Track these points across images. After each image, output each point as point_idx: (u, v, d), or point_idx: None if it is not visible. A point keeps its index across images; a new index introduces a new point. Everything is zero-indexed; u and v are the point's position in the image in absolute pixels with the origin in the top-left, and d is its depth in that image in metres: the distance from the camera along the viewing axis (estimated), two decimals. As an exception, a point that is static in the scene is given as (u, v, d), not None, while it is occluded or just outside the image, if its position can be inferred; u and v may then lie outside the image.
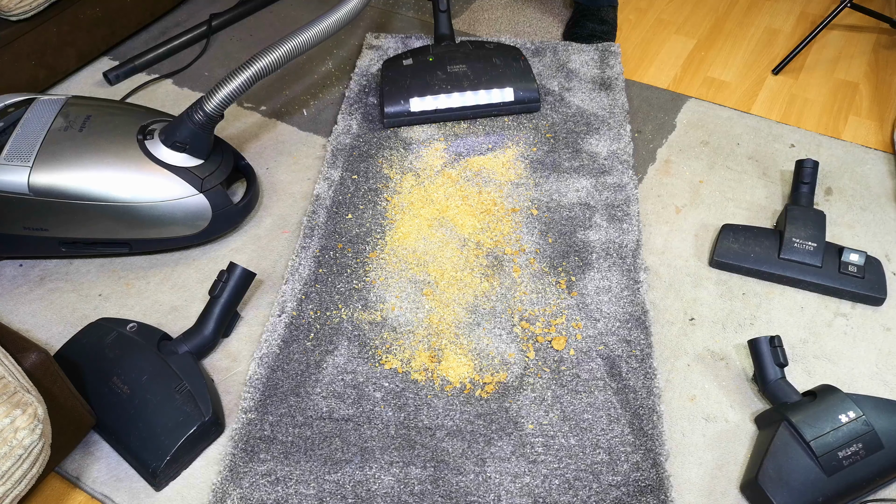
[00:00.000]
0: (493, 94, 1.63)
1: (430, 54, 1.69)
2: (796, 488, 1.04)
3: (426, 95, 1.62)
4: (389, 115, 1.63)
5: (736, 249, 1.38)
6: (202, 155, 1.36)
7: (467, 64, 1.66)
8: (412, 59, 1.68)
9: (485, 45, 1.72)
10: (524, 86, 1.65)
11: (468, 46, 1.71)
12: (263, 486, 1.09)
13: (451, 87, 1.63)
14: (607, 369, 1.23)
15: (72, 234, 1.33)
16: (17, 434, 0.88)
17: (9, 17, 1.61)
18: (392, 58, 1.73)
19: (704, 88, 1.81)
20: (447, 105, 1.63)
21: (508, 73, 1.65)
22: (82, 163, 1.28)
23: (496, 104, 1.64)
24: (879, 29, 1.99)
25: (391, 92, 1.64)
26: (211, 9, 2.01)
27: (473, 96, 1.63)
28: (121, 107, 1.44)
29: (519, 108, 1.66)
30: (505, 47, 1.72)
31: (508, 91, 1.63)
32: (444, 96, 1.63)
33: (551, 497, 1.08)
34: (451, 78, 1.64)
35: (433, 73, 1.64)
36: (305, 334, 1.29)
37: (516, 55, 1.69)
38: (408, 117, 1.63)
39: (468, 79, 1.64)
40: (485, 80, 1.64)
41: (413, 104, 1.62)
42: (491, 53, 1.69)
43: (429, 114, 1.64)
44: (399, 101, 1.62)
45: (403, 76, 1.65)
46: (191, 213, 1.34)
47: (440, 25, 1.76)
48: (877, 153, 1.63)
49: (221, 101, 1.32)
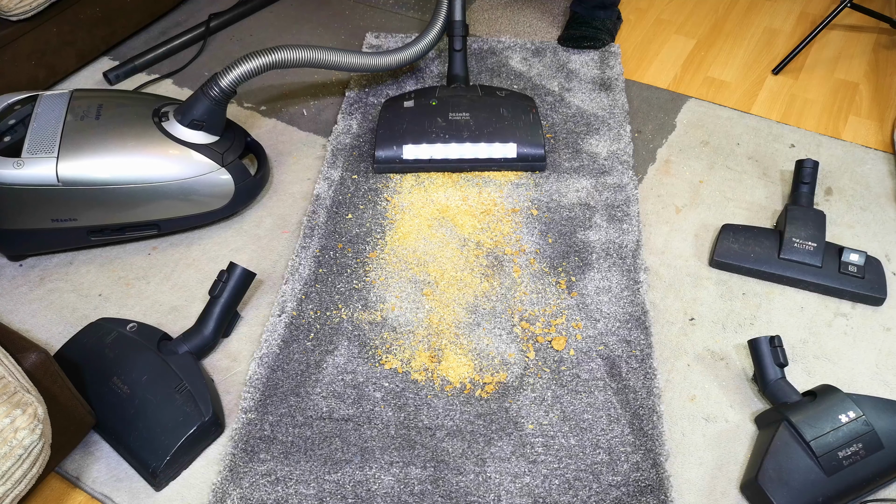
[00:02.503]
0: (495, 148, 1.51)
1: (435, 97, 1.57)
2: (796, 488, 1.04)
3: (421, 143, 1.51)
4: (380, 160, 1.52)
5: (736, 249, 1.38)
6: (217, 132, 1.40)
7: (471, 112, 1.53)
8: (414, 101, 1.57)
9: (496, 92, 1.59)
10: (529, 143, 1.51)
11: (477, 92, 1.59)
12: (263, 486, 1.09)
13: (450, 137, 1.51)
14: (607, 369, 1.23)
15: (102, 222, 1.36)
16: (17, 434, 0.88)
17: (9, 17, 1.61)
18: (393, 97, 1.62)
19: (704, 88, 1.81)
20: (443, 155, 1.51)
21: (514, 126, 1.52)
22: (107, 148, 1.31)
23: (496, 159, 1.52)
24: (879, 29, 1.99)
25: (384, 136, 1.53)
26: (210, 9, 2.01)
27: (472, 148, 1.50)
28: (127, 94, 1.47)
29: (521, 165, 1.53)
30: (517, 96, 1.59)
31: (511, 147, 1.50)
32: (441, 146, 1.50)
33: (551, 497, 1.08)
34: (451, 126, 1.51)
35: (433, 120, 1.53)
36: (305, 334, 1.29)
37: (527, 107, 1.56)
38: (399, 164, 1.52)
39: (469, 129, 1.51)
40: (487, 133, 1.51)
41: (406, 151, 1.51)
42: (500, 102, 1.56)
43: (423, 163, 1.52)
44: (392, 147, 1.51)
45: (400, 119, 1.54)
46: (216, 187, 1.39)
47: (454, 65, 1.65)
48: (877, 153, 1.63)
49: (237, 77, 1.38)
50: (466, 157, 1.51)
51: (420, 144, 1.50)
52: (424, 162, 1.51)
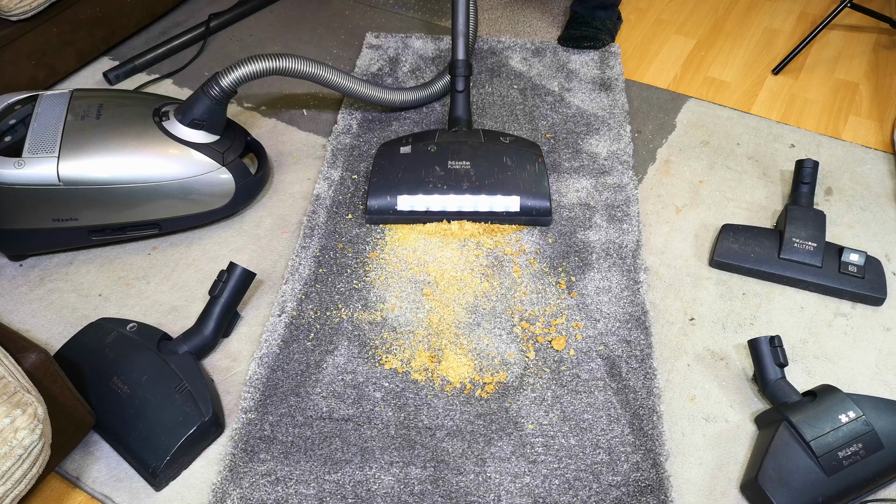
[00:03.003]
0: (496, 201, 1.41)
1: (434, 143, 1.47)
2: (796, 488, 1.04)
3: (417, 193, 1.41)
4: (372, 210, 1.42)
5: (736, 249, 1.38)
6: (218, 131, 1.41)
7: (472, 161, 1.43)
8: (411, 146, 1.47)
9: (500, 138, 1.49)
10: (534, 195, 1.41)
11: (479, 138, 1.48)
12: (263, 486, 1.09)
13: (448, 188, 1.41)
14: (607, 369, 1.23)
15: (102, 221, 1.36)
16: (17, 434, 0.88)
17: (9, 17, 1.61)
18: (390, 141, 1.52)
19: (704, 88, 1.81)
20: (440, 207, 1.41)
21: (518, 177, 1.42)
22: (108, 148, 1.31)
23: (498, 213, 1.42)
24: (879, 29, 1.99)
25: (378, 184, 1.43)
26: (210, 9, 2.01)
27: (472, 200, 1.41)
28: (127, 94, 1.47)
29: (525, 219, 1.42)
30: (523, 143, 1.48)
31: (514, 200, 1.40)
32: (439, 196, 1.41)
33: (551, 497, 1.08)
34: (449, 176, 1.41)
35: (430, 168, 1.42)
36: (305, 334, 1.29)
37: (533, 156, 1.46)
38: (393, 216, 1.42)
39: (469, 179, 1.41)
40: (488, 184, 1.41)
41: (401, 202, 1.41)
42: (503, 150, 1.45)
43: (418, 214, 1.42)
44: (385, 196, 1.42)
45: (396, 166, 1.44)
46: (217, 186, 1.39)
47: (455, 107, 1.55)
48: (877, 153, 1.63)
49: (238, 78, 1.38)
50: (466, 209, 1.41)
51: (416, 195, 1.41)
52: (420, 213, 1.42)
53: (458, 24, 1.52)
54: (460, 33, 1.52)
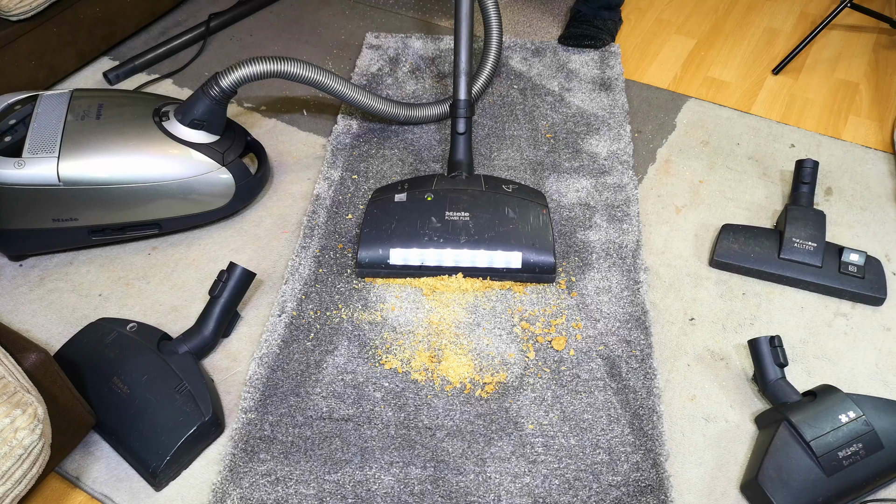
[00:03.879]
0: (497, 256, 1.32)
1: (431, 191, 1.38)
2: (796, 488, 1.04)
3: (411, 247, 1.32)
4: (363, 263, 1.33)
5: (736, 249, 1.38)
6: (218, 131, 1.40)
7: (472, 212, 1.35)
8: (407, 193, 1.38)
9: (502, 186, 1.41)
10: (537, 251, 1.32)
11: (480, 185, 1.40)
12: (263, 486, 1.09)
13: (445, 241, 1.32)
14: (607, 369, 1.23)
15: (103, 221, 1.36)
16: (17, 434, 0.88)
17: (9, 17, 1.61)
18: (384, 187, 1.44)
19: (704, 88, 1.81)
20: (436, 261, 1.33)
21: (521, 231, 1.33)
22: (108, 148, 1.31)
23: (498, 269, 1.33)
24: (879, 29, 1.99)
25: (370, 235, 1.34)
26: (210, 9, 2.01)
27: (470, 255, 1.32)
28: (127, 94, 1.47)
29: (527, 276, 1.34)
30: (527, 193, 1.40)
31: (516, 255, 1.31)
32: (434, 250, 1.32)
33: (551, 497, 1.08)
34: (446, 228, 1.33)
35: (426, 219, 1.34)
36: (305, 334, 1.29)
37: (537, 206, 1.37)
38: (385, 269, 1.34)
39: (468, 232, 1.33)
40: (488, 238, 1.32)
41: (393, 256, 1.33)
42: (505, 201, 1.37)
43: (412, 269, 1.34)
44: (377, 249, 1.33)
45: (389, 216, 1.36)
46: (217, 186, 1.39)
47: (456, 150, 1.46)
48: (877, 153, 1.63)
49: (238, 78, 1.37)
50: (463, 264, 1.33)
51: (410, 248, 1.32)
52: (414, 268, 1.34)
53: (460, 61, 1.46)
54: (462, 72, 1.46)
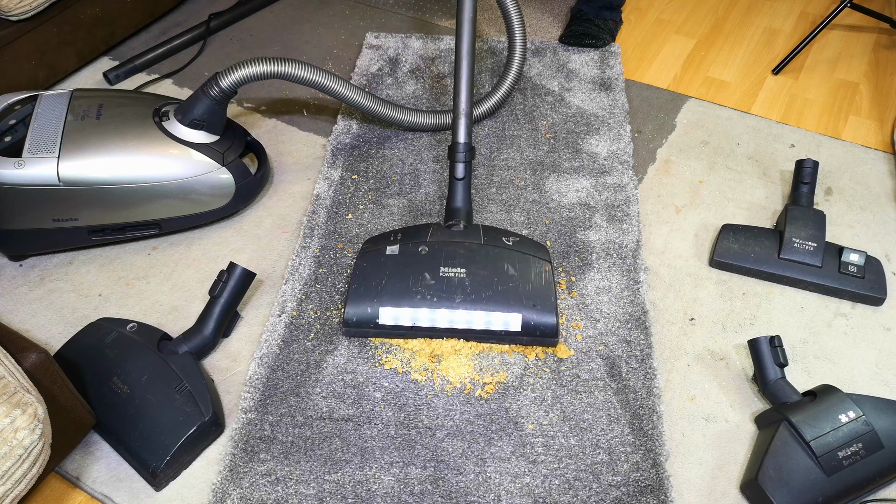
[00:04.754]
0: (495, 318, 1.22)
1: (425, 243, 1.29)
2: (796, 488, 1.04)
3: (403, 305, 1.23)
4: (351, 322, 1.24)
5: (736, 249, 1.38)
6: (217, 131, 1.40)
7: (468, 268, 1.25)
8: (399, 245, 1.29)
9: (502, 238, 1.31)
10: (539, 312, 1.22)
11: (479, 237, 1.30)
12: (263, 486, 1.09)
13: (439, 301, 1.23)
14: (607, 369, 1.23)
15: (103, 221, 1.36)
16: (17, 434, 0.88)
17: (9, 17, 1.61)
18: (375, 238, 1.35)
19: (704, 88, 1.81)
20: (429, 322, 1.23)
21: (522, 290, 1.24)
22: (108, 148, 1.31)
23: (496, 332, 1.23)
24: (879, 29, 1.99)
25: (358, 292, 1.25)
26: (210, 9, 2.01)
27: (466, 316, 1.22)
28: (127, 94, 1.47)
29: (527, 339, 1.25)
30: (528, 246, 1.31)
31: (515, 317, 1.22)
32: (427, 310, 1.22)
33: (551, 497, 1.08)
34: (441, 286, 1.23)
35: (419, 275, 1.25)
36: (305, 334, 1.29)
37: (540, 262, 1.28)
38: (374, 329, 1.25)
39: (464, 291, 1.23)
40: (486, 297, 1.23)
41: (383, 315, 1.23)
42: (506, 255, 1.27)
43: (403, 329, 1.24)
44: (365, 307, 1.24)
45: (380, 271, 1.26)
46: (216, 186, 1.39)
47: (454, 197, 1.37)
48: (877, 153, 1.63)
49: (238, 79, 1.36)
50: (458, 326, 1.23)
51: (401, 307, 1.23)
52: (405, 329, 1.24)
53: (459, 102, 1.38)
54: (462, 113, 1.37)
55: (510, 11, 1.56)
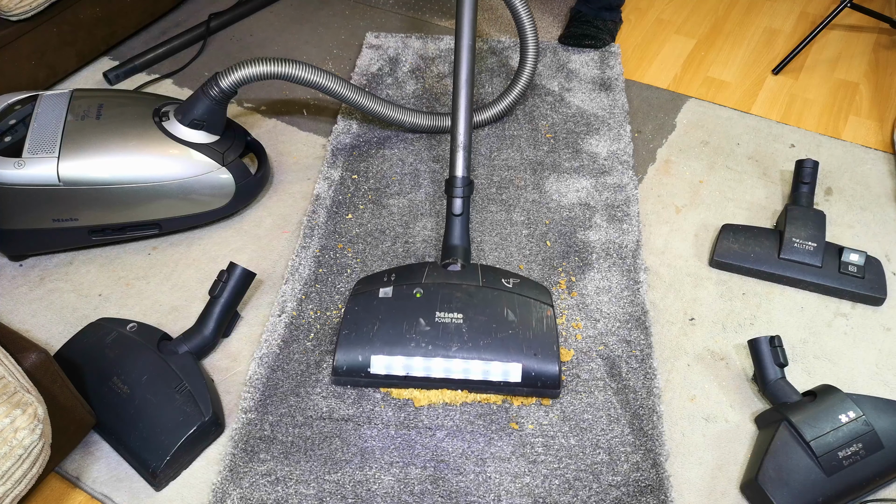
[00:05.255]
0: (493, 368, 1.16)
1: (420, 284, 1.22)
2: (796, 488, 1.04)
3: (396, 354, 1.16)
4: (340, 370, 1.18)
5: (736, 249, 1.38)
6: (217, 131, 1.40)
7: (466, 313, 1.19)
8: (393, 288, 1.23)
9: (503, 279, 1.24)
10: (539, 361, 1.16)
11: (477, 279, 1.24)
12: (263, 486, 1.09)
13: (434, 349, 1.16)
14: (607, 369, 1.23)
15: (103, 221, 1.36)
16: (17, 434, 0.88)
17: (9, 17, 1.61)
18: (368, 278, 1.28)
19: (704, 88, 1.81)
20: (424, 372, 1.17)
21: (522, 337, 1.17)
22: (108, 148, 1.31)
23: (494, 383, 1.17)
24: (879, 29, 1.99)
25: (349, 339, 1.18)
26: (210, 9, 2.01)
27: (463, 365, 1.16)
28: (127, 94, 1.47)
29: (528, 391, 1.18)
30: (529, 289, 1.24)
31: (515, 367, 1.16)
32: (421, 359, 1.16)
33: (551, 497, 1.08)
34: (436, 332, 1.17)
35: (413, 321, 1.18)
36: (305, 334, 1.29)
37: (541, 307, 1.21)
38: (365, 379, 1.18)
39: (461, 338, 1.17)
40: (484, 345, 1.16)
41: (375, 363, 1.17)
42: (506, 299, 1.21)
43: (395, 379, 1.18)
44: (356, 356, 1.17)
45: (372, 316, 1.20)
46: (217, 186, 1.39)
47: (451, 234, 1.30)
48: (877, 153, 1.63)
49: (238, 79, 1.36)
50: (454, 376, 1.17)
51: (394, 356, 1.17)
52: (398, 379, 1.18)
53: (457, 133, 1.32)
54: (460, 145, 1.31)
55: (523, 19, 1.54)
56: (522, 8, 1.53)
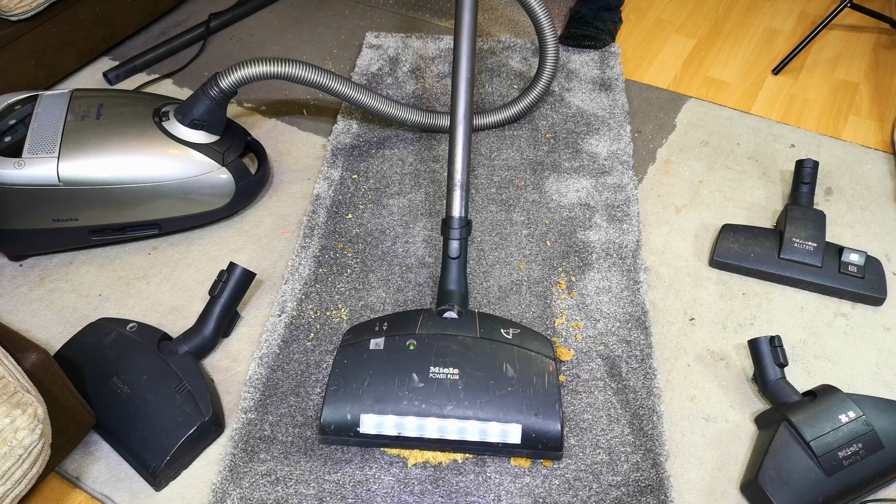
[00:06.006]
0: (491, 428, 1.08)
1: (414, 335, 1.15)
2: (796, 488, 1.04)
3: (387, 413, 1.09)
4: (328, 429, 1.10)
5: (736, 249, 1.38)
6: (218, 131, 1.40)
7: (462, 368, 1.11)
8: (385, 339, 1.15)
9: (501, 330, 1.17)
10: (541, 420, 1.09)
11: (475, 329, 1.17)
12: (263, 486, 1.09)
13: (427, 407, 1.09)
14: (607, 369, 1.23)
15: (103, 221, 1.36)
16: (18, 434, 0.88)
17: (9, 17, 1.61)
18: (360, 326, 1.20)
19: (704, 88, 1.81)
20: (417, 432, 1.09)
21: (522, 394, 1.10)
22: (108, 148, 1.31)
23: (492, 444, 1.10)
24: (879, 29, 1.99)
25: (337, 395, 1.11)
26: (210, 9, 2.01)
27: (458, 426, 1.09)
28: (127, 94, 1.47)
29: (528, 453, 1.11)
30: (530, 339, 1.17)
31: (515, 428, 1.08)
32: (414, 419, 1.09)
33: (551, 497, 1.08)
34: (430, 389, 1.10)
35: (406, 376, 1.11)
36: (305, 334, 1.29)
37: (542, 360, 1.14)
38: (354, 438, 1.11)
39: (456, 396, 1.10)
40: (481, 404, 1.09)
41: (365, 422, 1.09)
42: (505, 353, 1.14)
43: (386, 440, 1.11)
44: (345, 413, 1.10)
45: (362, 371, 1.12)
46: (216, 186, 1.39)
47: (447, 279, 1.22)
48: (877, 153, 1.63)
49: (238, 79, 1.36)
50: (449, 436, 1.09)
51: (385, 414, 1.09)
52: (389, 439, 1.11)
53: (454, 171, 1.24)
54: (457, 184, 1.24)
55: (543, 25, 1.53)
56: (542, 13, 1.51)
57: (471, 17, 1.29)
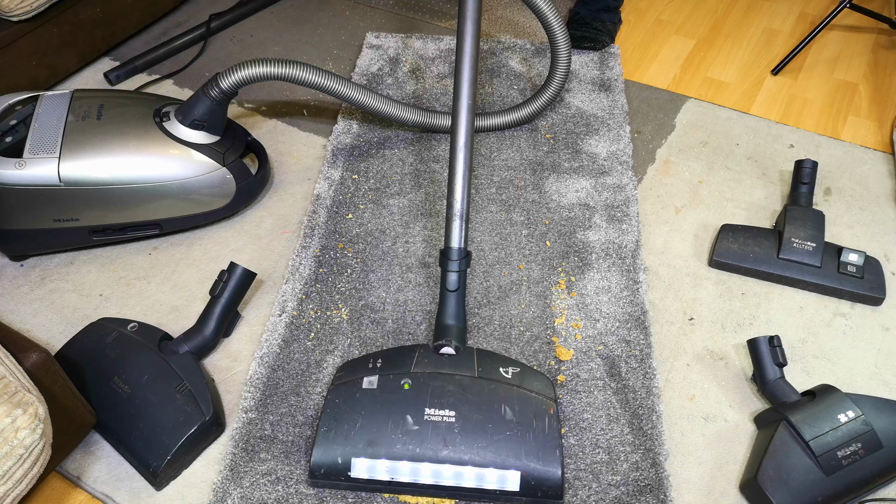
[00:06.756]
0: (488, 475, 1.04)
1: (409, 374, 1.11)
2: (795, 488, 1.04)
3: (379, 457, 1.05)
4: (317, 473, 1.06)
5: (735, 249, 1.38)
6: (218, 131, 1.40)
7: (459, 410, 1.07)
8: (379, 378, 1.11)
9: (500, 368, 1.13)
10: (541, 468, 1.04)
11: (472, 368, 1.13)
12: (264, 486, 1.10)
13: (421, 452, 1.05)
14: (607, 369, 1.24)
15: (103, 221, 1.36)
16: (18, 434, 0.89)
17: (9, 17, 1.61)
18: (353, 363, 1.17)
19: (704, 89, 1.81)
20: (410, 478, 1.05)
21: (521, 439, 1.06)
22: (109, 148, 1.31)
23: (489, 491, 1.05)
24: (879, 29, 1.99)
25: (328, 437, 1.07)
26: (211, 9, 2.02)
27: (453, 471, 1.04)
28: (128, 94, 1.48)
29: (527, 501, 1.06)
30: (530, 380, 1.13)
31: (513, 475, 1.04)
32: (408, 463, 1.05)
33: (551, 496, 1.08)
34: (425, 433, 1.06)
35: (400, 417, 1.07)
36: (306, 334, 1.29)
37: (543, 402, 1.10)
38: (345, 483, 1.07)
39: (452, 441, 1.05)
40: (478, 449, 1.05)
41: (356, 467, 1.05)
42: (504, 394, 1.09)
43: (379, 485, 1.07)
44: (335, 456, 1.06)
45: (354, 411, 1.08)
46: (217, 186, 1.39)
47: (444, 313, 1.17)
48: (876, 153, 1.63)
49: (239, 80, 1.36)
50: (445, 483, 1.05)
51: (377, 459, 1.05)
52: (381, 484, 1.06)
53: (454, 201, 1.19)
54: (456, 214, 1.18)
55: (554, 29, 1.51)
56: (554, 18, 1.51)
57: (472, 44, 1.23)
